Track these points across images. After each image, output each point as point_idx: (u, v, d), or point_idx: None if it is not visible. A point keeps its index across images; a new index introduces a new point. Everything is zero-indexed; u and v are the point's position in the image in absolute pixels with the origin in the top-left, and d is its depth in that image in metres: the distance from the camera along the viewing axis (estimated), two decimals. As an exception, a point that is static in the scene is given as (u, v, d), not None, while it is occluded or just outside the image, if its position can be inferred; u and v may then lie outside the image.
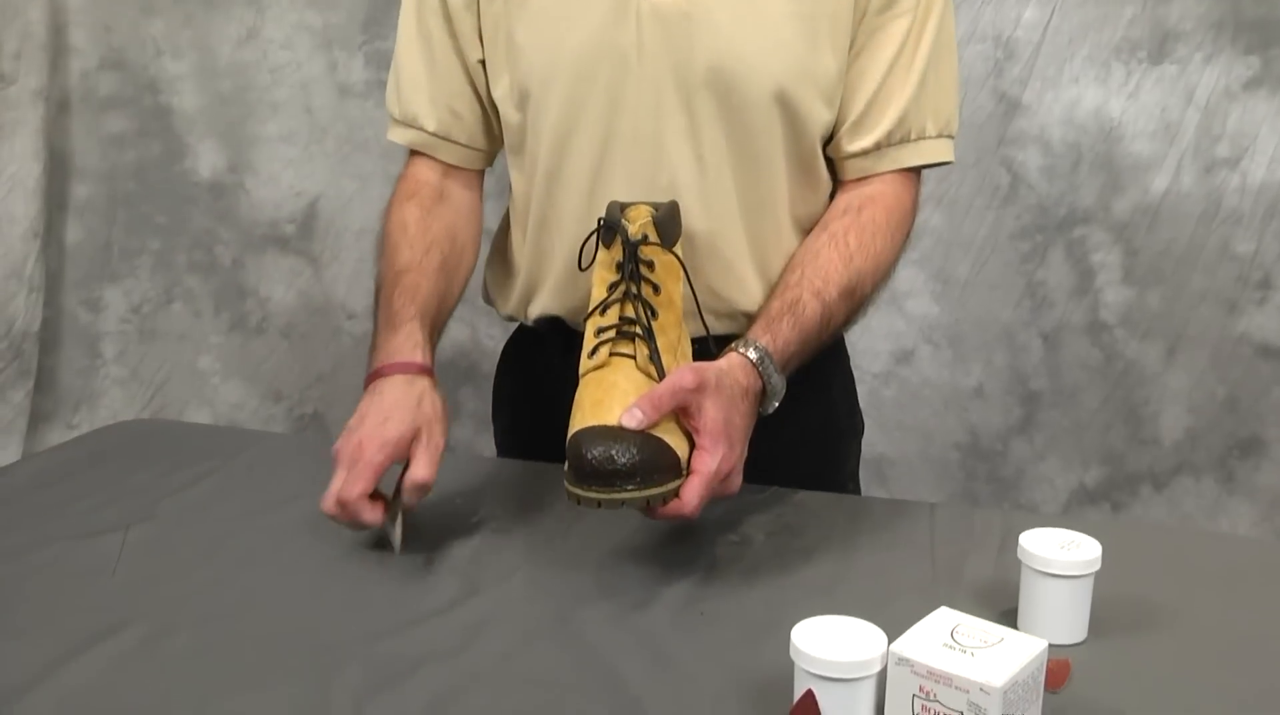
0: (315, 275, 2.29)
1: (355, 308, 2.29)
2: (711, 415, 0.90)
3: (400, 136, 1.18)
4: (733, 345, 1.00)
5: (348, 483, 0.95)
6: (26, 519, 1.04)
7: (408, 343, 1.04)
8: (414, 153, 1.19)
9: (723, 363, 0.97)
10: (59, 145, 2.22)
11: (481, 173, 1.21)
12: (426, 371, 1.04)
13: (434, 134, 1.16)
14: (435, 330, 1.09)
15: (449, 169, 1.18)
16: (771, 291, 1.09)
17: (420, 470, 0.97)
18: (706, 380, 0.91)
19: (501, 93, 1.12)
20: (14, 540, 0.99)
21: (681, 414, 0.92)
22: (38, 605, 0.89)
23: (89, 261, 2.29)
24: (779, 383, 1.00)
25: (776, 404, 1.01)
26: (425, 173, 1.18)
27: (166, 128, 2.24)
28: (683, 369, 0.93)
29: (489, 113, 1.16)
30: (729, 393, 0.93)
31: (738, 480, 0.93)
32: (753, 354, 0.98)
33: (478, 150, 1.18)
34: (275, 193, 2.25)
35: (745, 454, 0.95)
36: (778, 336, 1.01)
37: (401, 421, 0.98)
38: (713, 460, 0.89)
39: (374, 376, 1.04)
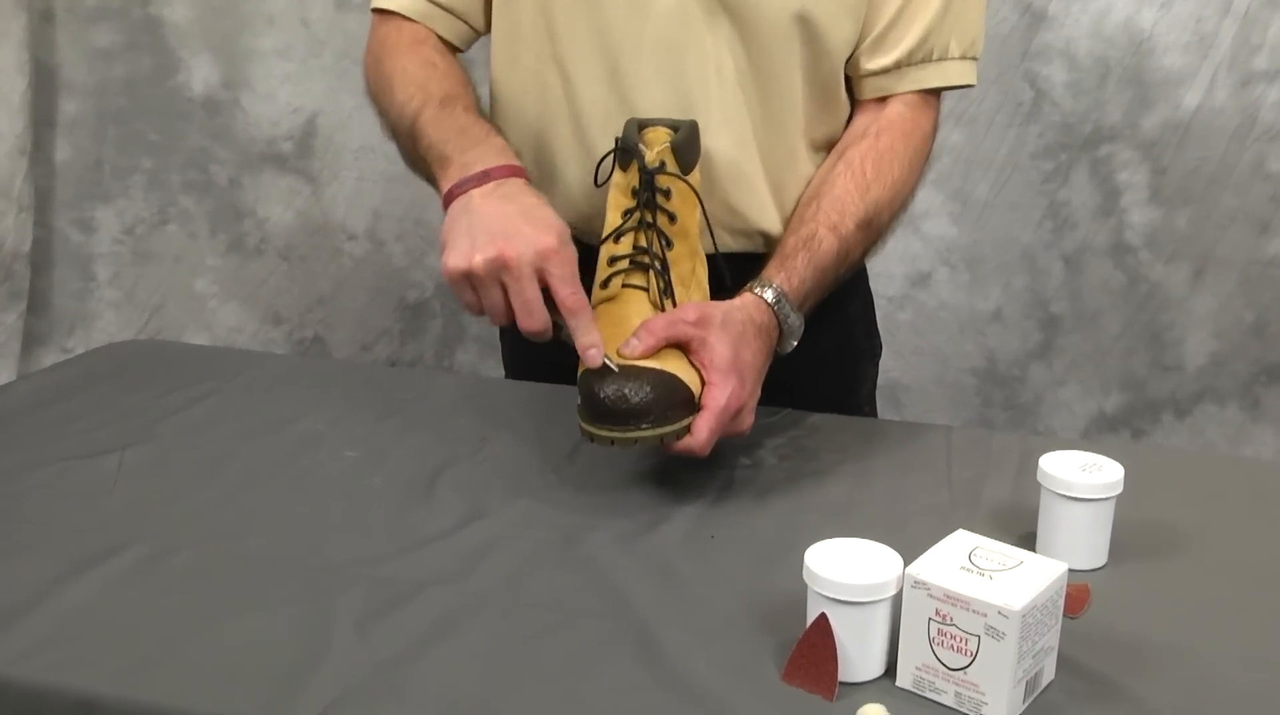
0: (314, 195, 2.27)
1: (356, 228, 2.27)
2: (719, 351, 0.90)
3: (394, 1, 1.12)
4: (748, 285, 0.99)
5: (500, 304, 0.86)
6: (22, 439, 1.04)
7: (507, 153, 0.96)
8: (389, 19, 1.13)
9: (736, 301, 0.97)
10: (44, 59, 2.19)
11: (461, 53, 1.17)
12: (524, 175, 0.94)
13: (434, 1, 1.12)
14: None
15: (439, 41, 1.14)
16: (787, 225, 1.08)
17: (568, 294, 0.87)
18: (709, 315, 0.91)
19: None
20: (10, 461, 0.99)
21: (689, 351, 0.91)
22: (36, 525, 0.89)
23: (79, 180, 2.27)
24: (796, 322, 0.99)
25: (795, 343, 1.00)
26: (420, 33, 1.12)
27: (157, 41, 2.20)
28: (687, 305, 0.93)
29: None
30: (738, 328, 0.93)
31: (749, 418, 0.93)
32: (768, 294, 0.98)
33: (471, 29, 1.14)
34: (272, 109, 2.22)
35: (758, 393, 0.94)
36: (793, 275, 1.00)
37: (539, 225, 0.88)
38: (722, 395, 0.89)
39: (478, 180, 0.92)
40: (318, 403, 1.13)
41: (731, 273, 1.03)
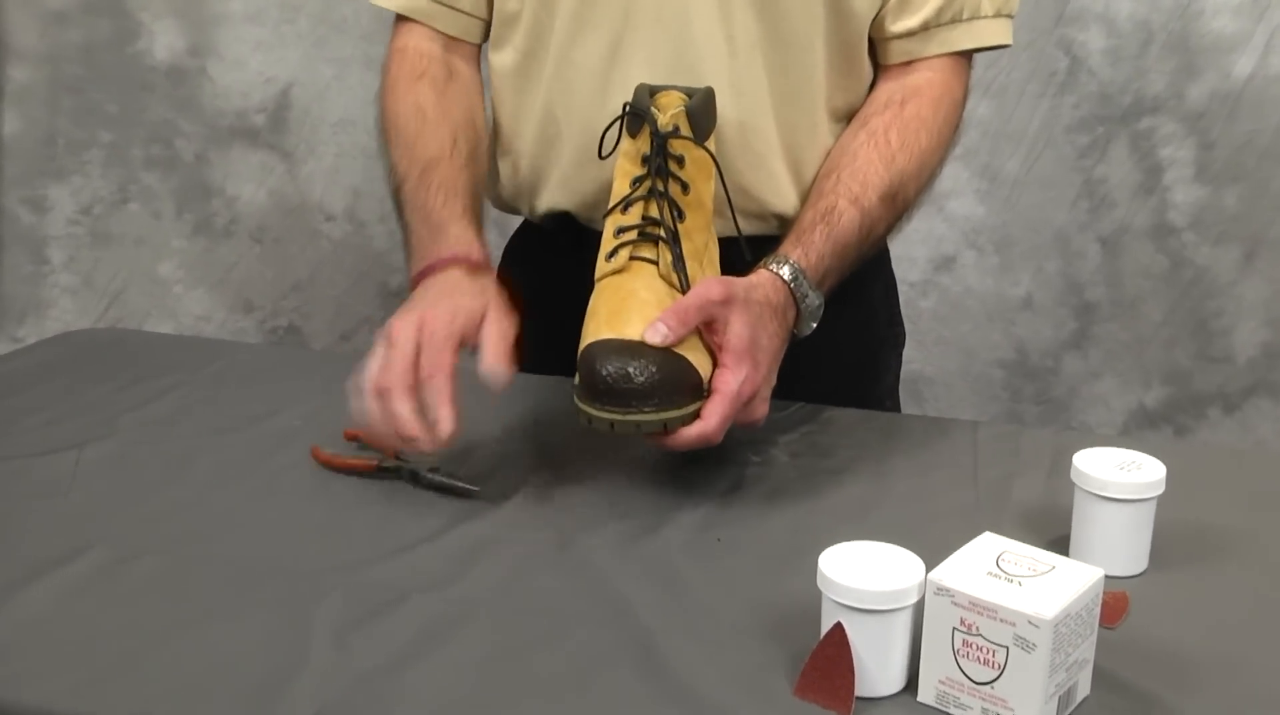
0: (289, 172, 2.27)
1: (334, 208, 2.27)
2: (737, 331, 0.90)
3: (392, 1, 1.15)
4: (763, 261, 0.99)
5: (406, 359, 0.88)
6: (-29, 436, 1.04)
7: (460, 242, 1.00)
8: (403, 20, 1.17)
9: (752, 277, 0.97)
10: (-8, 23, 2.19)
11: (479, 47, 1.19)
12: (487, 268, 0.99)
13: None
14: (481, 228, 1.05)
15: (449, 41, 1.16)
16: (805, 199, 1.07)
17: (491, 354, 0.89)
18: (734, 293, 0.91)
19: None
20: (-42, 459, 1.00)
21: (705, 330, 0.91)
22: (-14, 529, 0.89)
23: (31, 155, 2.27)
24: (815, 302, 0.99)
25: (814, 326, 1.00)
26: (425, 45, 1.15)
27: (116, 4, 2.20)
28: (709, 281, 0.92)
29: None
30: (757, 310, 0.93)
31: (762, 408, 0.93)
32: (785, 272, 0.98)
33: (479, 20, 1.15)
34: (242, 79, 2.22)
35: (773, 380, 0.94)
36: (810, 250, 1.00)
37: (472, 296, 0.93)
38: (735, 379, 0.89)
39: (424, 274, 0.99)
40: (293, 396, 1.14)
41: (755, 255, 1.03)
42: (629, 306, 0.92)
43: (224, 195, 2.29)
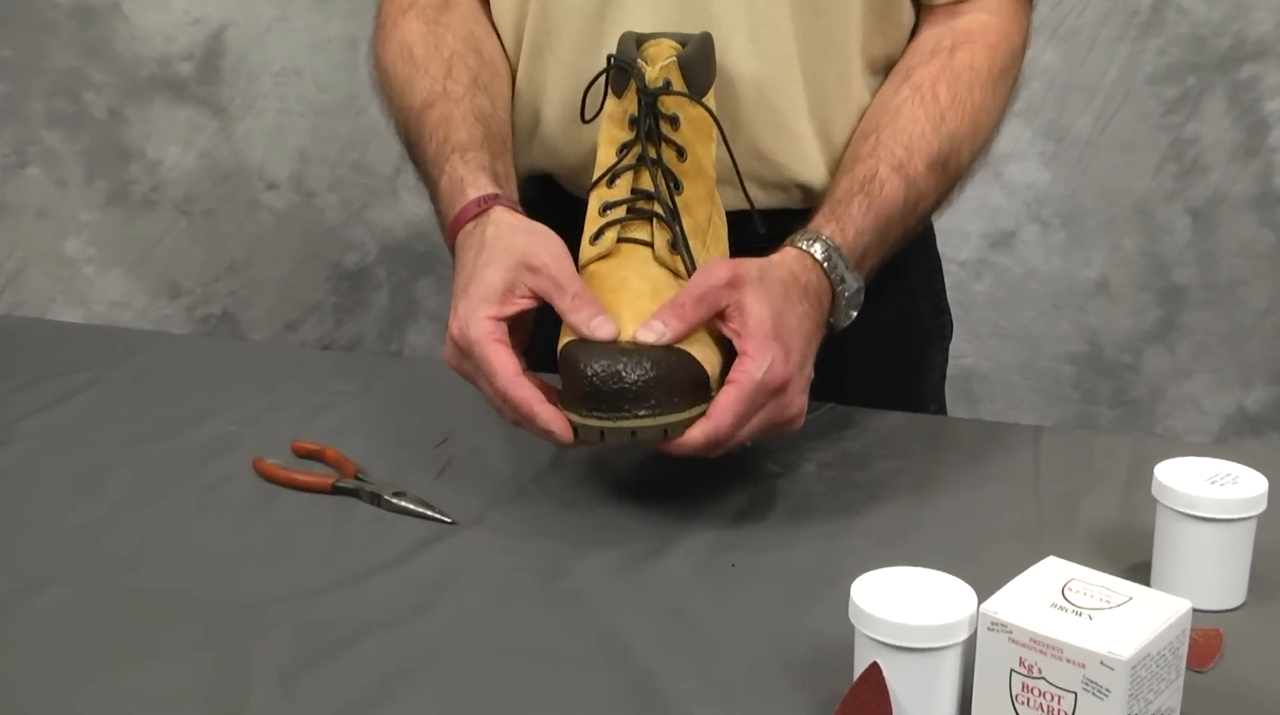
0: (223, 131, 2.27)
1: (276, 175, 2.28)
2: (756, 313, 0.90)
3: None
4: (789, 238, 0.99)
5: (488, 387, 0.91)
6: None
7: (453, 190, 1.01)
8: None
9: (773, 256, 0.97)
10: None
11: None
12: (490, 202, 0.99)
13: None
14: (495, 155, 1.05)
15: None
16: (839, 164, 1.08)
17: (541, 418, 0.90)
18: (744, 273, 0.90)
19: None
20: None
21: (719, 320, 0.91)
22: None
23: (-90, 111, 2.28)
24: (854, 285, 0.99)
25: (854, 315, 1.00)
26: None
27: (13, -70, 2.21)
28: (711, 263, 0.92)
29: None
30: (779, 288, 0.93)
31: (799, 403, 0.93)
32: (816, 249, 0.98)
33: None
34: (164, 20, 2.22)
35: (809, 371, 0.94)
36: (848, 225, 1.00)
37: (493, 267, 0.93)
38: (758, 367, 0.89)
39: (450, 242, 1.01)
40: (229, 397, 1.14)
41: (772, 232, 1.03)
42: (619, 299, 0.92)
43: (144, 159, 2.29)
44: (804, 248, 0.98)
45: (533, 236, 0.94)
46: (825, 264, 0.98)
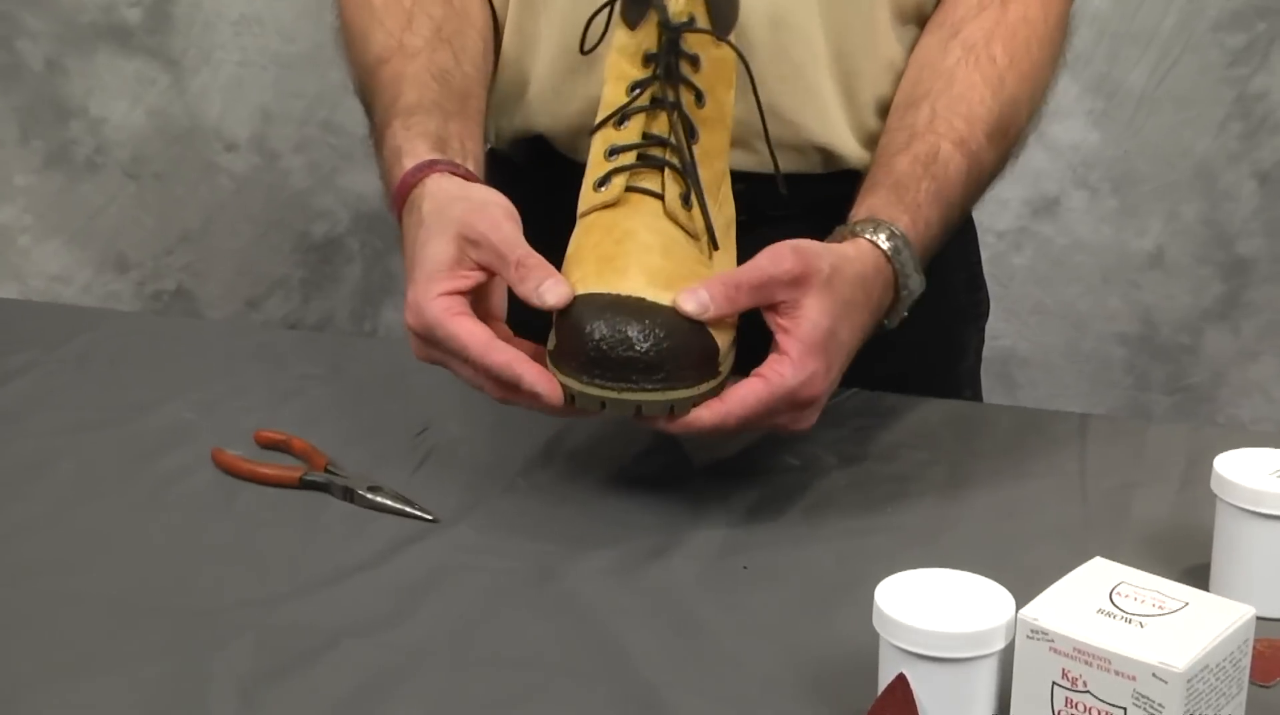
0: (175, 86, 2.27)
1: (236, 135, 2.27)
2: (814, 320, 0.89)
3: None
4: (850, 223, 0.98)
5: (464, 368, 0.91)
6: None
7: (391, 162, 1.02)
8: None
9: (848, 248, 0.95)
10: None
11: None
12: (426, 171, 0.99)
13: None
14: (447, 115, 1.05)
15: None
16: (888, 136, 1.06)
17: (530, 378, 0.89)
18: (815, 270, 0.90)
19: None
20: None
21: (769, 308, 0.91)
22: None
23: None
24: (916, 286, 0.99)
25: (904, 315, 1.00)
26: None
27: None
28: (780, 249, 0.90)
29: None
30: (846, 294, 0.92)
31: (812, 417, 0.93)
32: (884, 242, 0.97)
33: None
34: (110, -41, 2.22)
35: (837, 386, 0.94)
36: (918, 216, 0.99)
37: (438, 237, 0.93)
38: (795, 376, 0.88)
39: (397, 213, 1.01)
40: (184, 381, 1.14)
41: (791, 198, 1.03)
42: (626, 252, 0.91)
43: (86, 116, 2.29)
44: (871, 239, 0.96)
45: (468, 203, 0.94)
46: (895, 262, 0.97)
